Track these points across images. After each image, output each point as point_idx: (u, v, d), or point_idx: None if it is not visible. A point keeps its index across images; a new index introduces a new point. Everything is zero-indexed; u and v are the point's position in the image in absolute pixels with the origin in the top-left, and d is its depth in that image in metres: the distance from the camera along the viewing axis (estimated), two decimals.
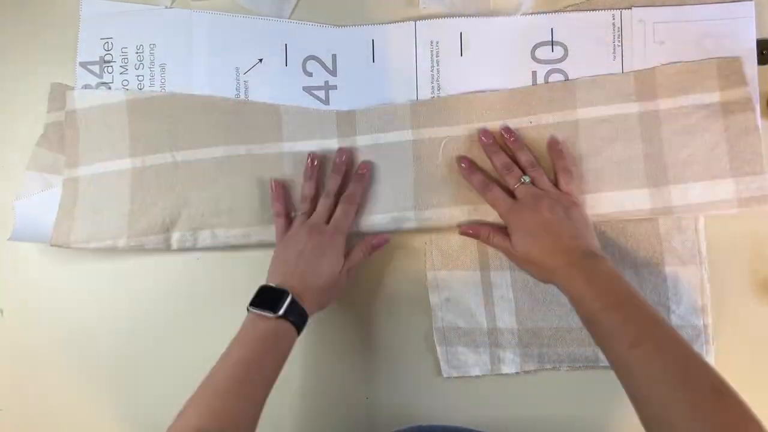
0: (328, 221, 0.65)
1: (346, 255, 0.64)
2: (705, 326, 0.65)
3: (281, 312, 0.57)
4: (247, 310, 0.58)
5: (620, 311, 0.52)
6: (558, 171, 0.65)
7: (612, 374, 0.67)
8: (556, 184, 0.64)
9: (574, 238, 0.59)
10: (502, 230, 0.64)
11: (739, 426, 0.44)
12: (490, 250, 0.68)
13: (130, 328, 0.71)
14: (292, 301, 0.58)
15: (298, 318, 0.58)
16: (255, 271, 0.70)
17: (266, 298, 0.58)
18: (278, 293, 0.58)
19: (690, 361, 0.48)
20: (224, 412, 0.52)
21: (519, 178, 0.64)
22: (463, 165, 0.66)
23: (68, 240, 0.69)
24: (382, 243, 0.67)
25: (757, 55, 0.65)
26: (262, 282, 0.70)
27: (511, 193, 0.64)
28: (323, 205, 0.66)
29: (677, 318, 0.65)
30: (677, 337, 0.50)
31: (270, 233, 0.69)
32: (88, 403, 0.71)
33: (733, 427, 0.44)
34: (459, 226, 0.67)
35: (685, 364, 0.48)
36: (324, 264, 0.62)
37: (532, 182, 0.64)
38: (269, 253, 0.70)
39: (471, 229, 0.66)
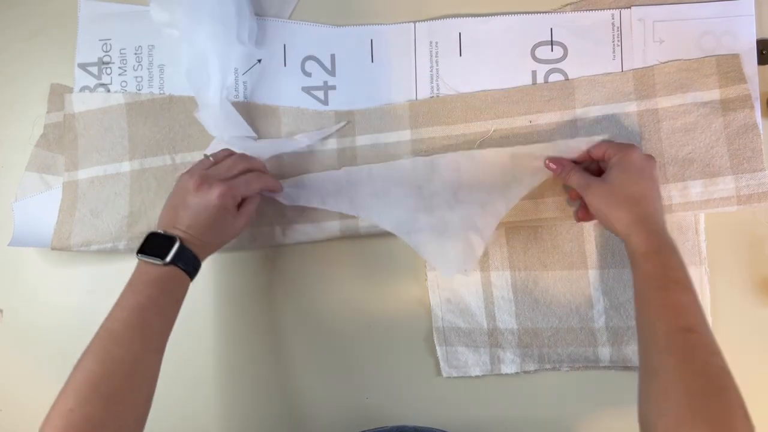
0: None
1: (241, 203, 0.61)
2: None
3: (169, 259, 0.55)
4: (137, 256, 0.57)
5: (684, 294, 0.51)
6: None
7: (611, 374, 0.67)
8: None
9: (662, 212, 0.58)
10: (585, 170, 0.62)
11: None
12: (490, 250, 0.68)
13: None
14: (181, 248, 0.56)
15: (188, 264, 0.57)
16: (254, 270, 0.71)
17: (154, 245, 0.57)
18: (166, 240, 0.57)
19: (722, 371, 0.48)
20: (125, 358, 0.52)
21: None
22: (553, 166, 0.64)
23: (69, 243, 0.69)
24: (274, 189, 0.64)
25: (757, 55, 0.65)
26: (262, 281, 0.70)
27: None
28: (225, 164, 0.61)
29: None
30: (717, 344, 0.49)
31: (268, 235, 0.69)
32: None
33: None
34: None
35: (717, 373, 0.48)
36: (215, 212, 0.58)
37: None
38: (269, 253, 0.70)
39: (554, 162, 0.63)
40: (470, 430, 0.69)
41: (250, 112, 0.70)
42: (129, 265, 0.64)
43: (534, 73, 0.68)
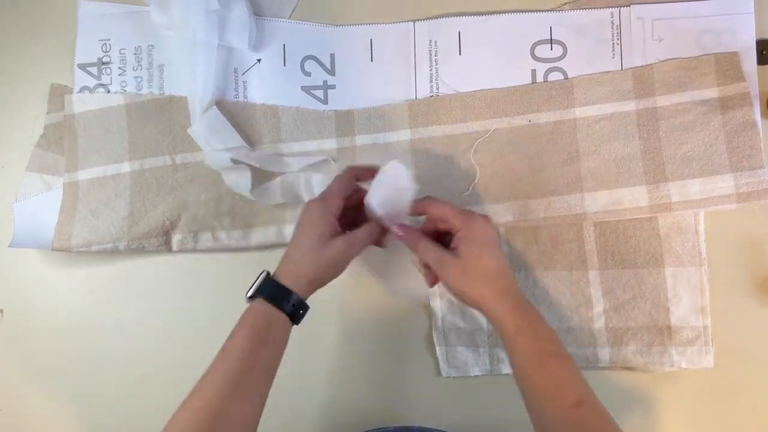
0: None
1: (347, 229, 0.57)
2: (704, 327, 0.65)
3: (250, 293, 0.54)
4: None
5: (567, 364, 0.51)
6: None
7: (611, 375, 0.67)
8: None
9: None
10: (434, 242, 0.57)
11: None
12: None
13: (130, 328, 0.71)
14: (266, 279, 0.54)
15: (277, 296, 0.54)
16: (255, 271, 0.71)
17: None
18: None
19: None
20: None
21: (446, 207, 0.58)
22: (399, 233, 0.58)
23: (69, 244, 0.69)
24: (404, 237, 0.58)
25: (757, 55, 0.65)
26: None
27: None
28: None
29: (677, 319, 0.65)
30: (606, 411, 0.49)
31: (270, 235, 0.69)
32: (88, 403, 0.72)
33: None
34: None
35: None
36: (303, 235, 0.56)
37: None
38: (269, 254, 0.70)
39: (402, 231, 0.58)
40: (470, 430, 0.68)
41: (249, 112, 0.70)
42: (129, 265, 0.65)
43: (534, 71, 0.68)
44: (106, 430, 0.71)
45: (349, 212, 0.59)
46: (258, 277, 0.55)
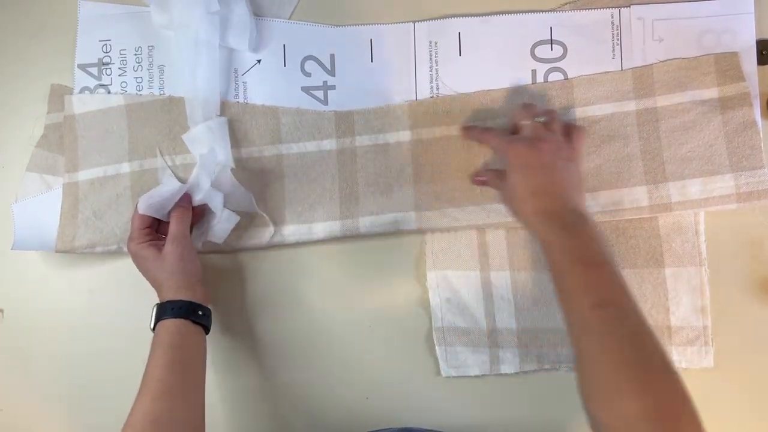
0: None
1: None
2: (704, 327, 0.65)
3: (152, 323, 0.61)
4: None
5: (591, 270, 0.52)
6: (572, 126, 0.63)
7: None
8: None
9: (566, 189, 0.58)
10: (502, 173, 0.62)
11: (675, 413, 0.44)
12: (491, 250, 0.68)
13: (131, 328, 0.71)
14: (160, 304, 0.61)
15: (169, 312, 0.60)
16: (253, 270, 0.71)
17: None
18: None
19: (645, 337, 0.48)
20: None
21: (533, 116, 0.62)
22: (462, 131, 0.67)
23: (73, 246, 0.69)
24: (184, 202, 0.66)
25: (757, 56, 0.65)
26: (261, 281, 0.70)
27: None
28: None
29: (677, 319, 0.65)
30: (639, 311, 0.50)
31: (266, 235, 0.69)
32: (88, 403, 0.72)
33: (667, 413, 0.44)
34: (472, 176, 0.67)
35: (640, 339, 0.48)
36: (146, 269, 0.64)
37: (545, 126, 0.61)
38: (269, 253, 0.70)
39: (479, 176, 0.66)
40: (470, 430, 0.68)
41: (249, 112, 0.70)
42: (129, 265, 0.64)
43: (534, 72, 0.68)
44: (106, 430, 0.71)
45: (163, 224, 0.66)
46: (153, 312, 0.61)
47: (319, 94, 0.70)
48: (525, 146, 0.59)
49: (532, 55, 0.68)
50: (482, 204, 0.67)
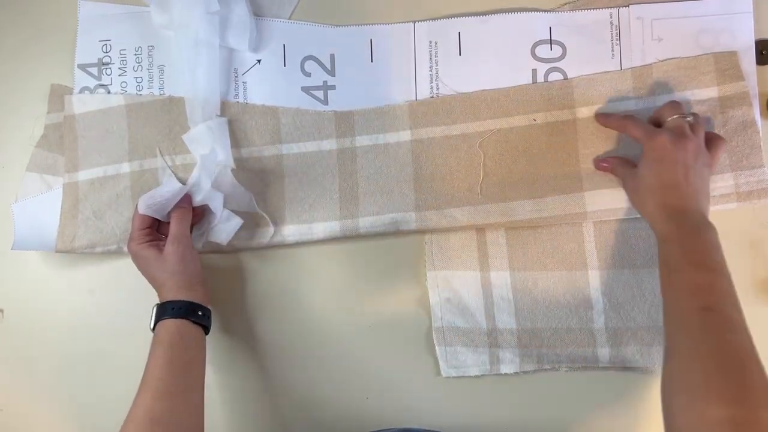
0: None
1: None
2: None
3: (152, 323, 0.61)
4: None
5: (706, 274, 0.52)
6: (715, 135, 0.62)
7: (611, 375, 0.67)
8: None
9: (697, 192, 0.58)
10: (630, 162, 0.63)
11: (763, 428, 0.43)
12: (491, 250, 0.68)
13: (130, 329, 0.71)
14: (160, 305, 0.62)
15: (169, 312, 0.60)
16: (253, 270, 0.71)
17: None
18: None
19: (746, 350, 0.48)
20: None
21: (682, 112, 0.61)
22: (600, 117, 0.66)
23: (73, 246, 0.69)
24: (185, 203, 0.66)
25: (756, 56, 0.65)
26: (261, 281, 0.70)
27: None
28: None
29: None
30: (745, 326, 0.50)
31: (262, 236, 0.69)
32: (88, 403, 0.71)
33: (755, 427, 0.43)
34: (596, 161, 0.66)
35: (740, 351, 0.48)
36: (147, 269, 0.64)
37: (690, 126, 0.60)
38: (268, 253, 0.70)
39: (605, 162, 0.65)
40: (469, 430, 0.68)
41: (249, 113, 0.70)
42: (129, 265, 0.64)
43: (534, 71, 0.68)
44: (106, 430, 0.71)
45: (163, 224, 0.66)
46: (153, 312, 0.61)
47: (319, 94, 0.70)
48: (670, 140, 0.58)
49: (533, 54, 0.68)
50: (482, 204, 0.67)
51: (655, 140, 0.59)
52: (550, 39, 0.68)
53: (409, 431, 0.66)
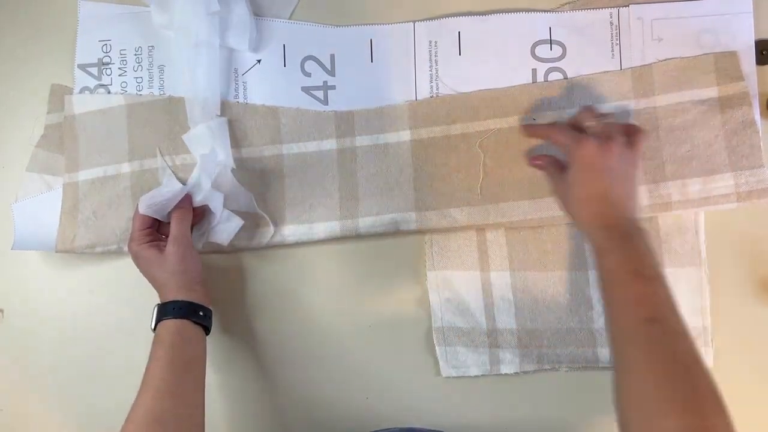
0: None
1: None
2: (704, 328, 0.65)
3: (153, 323, 0.61)
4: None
5: (645, 283, 0.52)
6: (632, 127, 0.61)
7: (611, 375, 0.67)
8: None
9: (626, 198, 0.57)
10: (559, 163, 0.63)
11: None
12: (491, 250, 0.68)
13: (131, 329, 0.71)
14: (161, 305, 0.62)
15: (170, 312, 0.60)
16: (252, 271, 0.71)
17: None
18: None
19: (693, 358, 0.48)
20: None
21: (600, 115, 0.61)
22: (523, 129, 0.66)
23: (73, 246, 0.69)
24: (185, 203, 0.66)
25: (756, 56, 0.65)
26: (260, 281, 0.70)
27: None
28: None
29: None
30: (688, 332, 0.49)
31: (262, 236, 0.69)
32: (88, 403, 0.72)
33: None
34: (527, 156, 0.66)
35: (688, 359, 0.48)
36: (148, 270, 0.64)
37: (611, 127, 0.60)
38: (268, 254, 0.70)
39: (537, 159, 0.65)
40: (469, 430, 0.68)
41: (249, 113, 0.70)
42: (130, 265, 0.64)
43: (534, 71, 0.68)
44: (106, 430, 0.71)
45: (163, 224, 0.66)
46: (154, 312, 0.61)
47: (319, 94, 0.70)
48: (595, 146, 0.58)
49: (533, 54, 0.68)
50: (482, 204, 0.67)
51: (583, 147, 0.58)
52: (550, 39, 0.68)
53: (410, 431, 0.66)
